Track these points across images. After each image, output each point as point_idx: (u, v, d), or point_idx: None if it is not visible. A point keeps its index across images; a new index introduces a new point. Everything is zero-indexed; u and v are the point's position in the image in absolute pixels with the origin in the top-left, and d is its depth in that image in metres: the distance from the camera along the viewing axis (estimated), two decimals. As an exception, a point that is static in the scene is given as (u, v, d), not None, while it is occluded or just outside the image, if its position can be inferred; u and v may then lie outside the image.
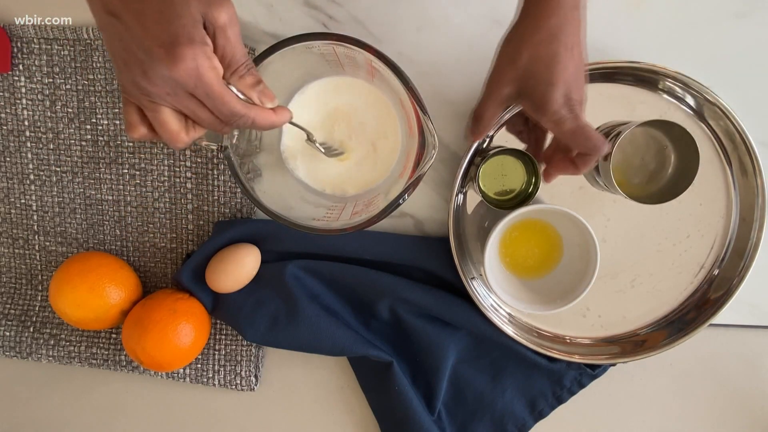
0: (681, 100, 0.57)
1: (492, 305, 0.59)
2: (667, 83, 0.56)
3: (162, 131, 0.38)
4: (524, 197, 0.56)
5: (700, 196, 0.58)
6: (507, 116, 0.54)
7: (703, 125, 0.57)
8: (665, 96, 0.57)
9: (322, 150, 0.53)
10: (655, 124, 0.53)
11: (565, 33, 0.42)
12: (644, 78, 0.57)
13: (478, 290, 0.58)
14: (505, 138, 0.58)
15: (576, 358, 0.59)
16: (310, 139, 0.52)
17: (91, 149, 0.62)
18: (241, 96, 0.38)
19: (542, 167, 0.52)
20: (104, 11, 0.35)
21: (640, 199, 0.53)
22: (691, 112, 0.57)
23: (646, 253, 0.59)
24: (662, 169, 0.56)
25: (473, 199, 0.59)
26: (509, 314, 0.60)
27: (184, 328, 0.57)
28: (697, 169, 0.51)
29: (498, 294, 0.55)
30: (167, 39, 0.34)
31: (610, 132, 0.54)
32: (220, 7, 0.36)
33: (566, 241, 0.57)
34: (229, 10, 0.36)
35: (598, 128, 0.57)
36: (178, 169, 0.61)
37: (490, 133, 0.57)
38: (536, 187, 0.55)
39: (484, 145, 0.58)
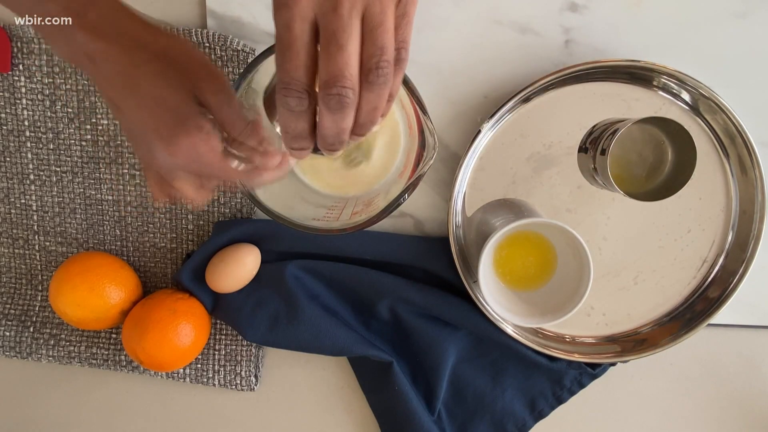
0: (677, 96, 0.57)
1: (492, 305, 0.59)
2: (662, 80, 0.56)
3: (181, 196, 0.41)
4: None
5: (700, 190, 0.58)
6: None
7: (699, 120, 0.58)
8: (660, 92, 0.57)
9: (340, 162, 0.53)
10: (651, 120, 0.53)
11: None
12: (639, 75, 0.57)
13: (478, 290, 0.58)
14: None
15: (576, 357, 0.59)
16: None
17: (91, 149, 0.62)
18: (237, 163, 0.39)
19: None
20: (108, 101, 0.38)
21: (638, 196, 0.53)
22: (687, 108, 0.57)
23: (648, 250, 0.59)
24: (660, 165, 0.56)
25: (473, 198, 0.59)
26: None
27: (184, 328, 0.57)
28: (695, 164, 0.51)
29: (496, 311, 0.54)
30: (164, 131, 0.36)
31: (607, 129, 0.54)
32: (210, 83, 0.37)
33: (559, 251, 0.57)
34: (220, 84, 0.37)
35: (594, 126, 0.57)
36: (178, 169, 0.61)
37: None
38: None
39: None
